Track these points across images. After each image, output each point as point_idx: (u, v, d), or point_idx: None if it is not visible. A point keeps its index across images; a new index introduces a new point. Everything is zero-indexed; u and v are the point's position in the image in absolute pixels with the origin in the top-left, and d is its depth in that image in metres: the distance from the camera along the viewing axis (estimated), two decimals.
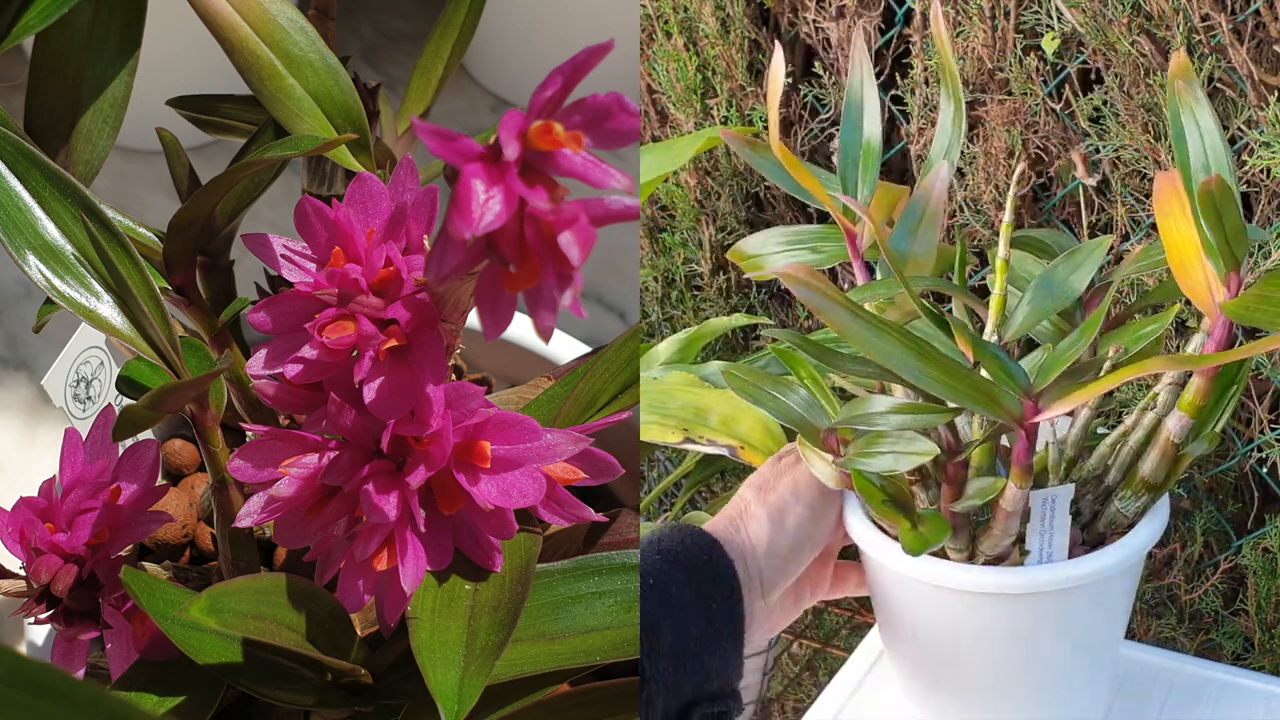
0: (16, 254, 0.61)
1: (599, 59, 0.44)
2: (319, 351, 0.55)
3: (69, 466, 0.64)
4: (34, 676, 0.29)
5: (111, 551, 0.63)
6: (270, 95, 0.68)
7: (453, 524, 0.57)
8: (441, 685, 0.53)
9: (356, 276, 0.55)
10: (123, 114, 0.70)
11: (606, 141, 0.45)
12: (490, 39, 1.38)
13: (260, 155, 0.63)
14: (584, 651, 0.58)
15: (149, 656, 0.62)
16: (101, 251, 0.62)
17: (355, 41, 1.49)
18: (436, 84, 0.78)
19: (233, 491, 0.65)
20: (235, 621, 0.55)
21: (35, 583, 0.62)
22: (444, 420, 0.54)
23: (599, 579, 0.60)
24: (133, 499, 0.63)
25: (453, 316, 0.54)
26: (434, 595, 0.56)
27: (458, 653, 0.54)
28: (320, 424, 0.56)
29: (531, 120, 0.45)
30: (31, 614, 0.62)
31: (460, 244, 0.46)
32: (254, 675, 0.59)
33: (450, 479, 0.55)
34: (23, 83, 0.70)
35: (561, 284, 0.46)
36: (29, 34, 0.66)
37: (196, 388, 0.60)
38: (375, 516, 0.54)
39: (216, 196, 0.66)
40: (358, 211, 0.57)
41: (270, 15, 0.68)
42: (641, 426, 0.82)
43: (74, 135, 0.70)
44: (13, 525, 0.62)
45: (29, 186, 0.62)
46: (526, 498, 0.55)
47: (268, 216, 1.26)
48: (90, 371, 0.82)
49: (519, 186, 0.44)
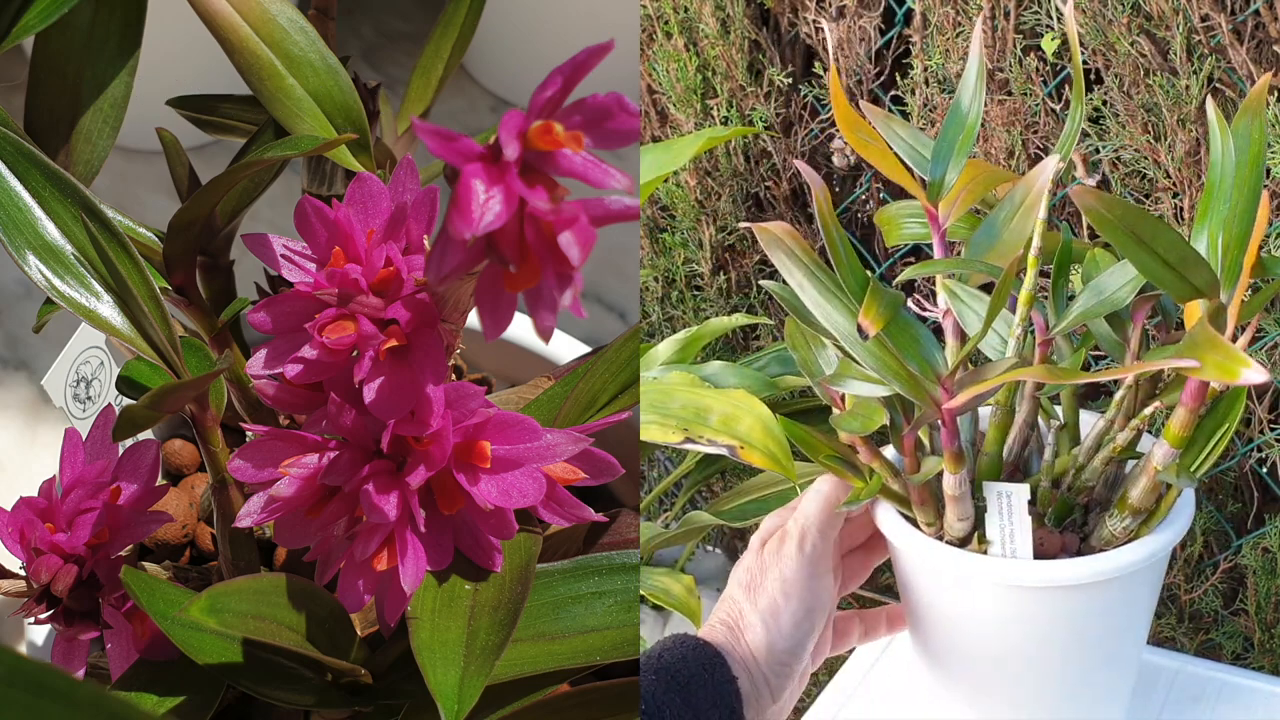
0: (16, 254, 0.61)
1: (599, 59, 0.44)
2: (319, 351, 0.55)
3: (69, 466, 0.64)
4: (34, 676, 0.29)
5: (111, 551, 0.63)
6: (270, 95, 0.68)
7: (453, 524, 0.57)
8: (441, 685, 0.53)
9: (356, 276, 0.55)
10: (123, 114, 0.70)
11: (606, 141, 0.45)
12: (490, 39, 1.38)
13: (260, 155, 0.63)
14: (584, 651, 0.58)
15: (149, 656, 0.62)
16: (101, 251, 0.62)
17: (355, 41, 1.49)
18: (436, 84, 0.78)
19: (233, 491, 0.65)
20: (235, 621, 0.55)
21: (35, 583, 0.62)
22: (444, 420, 0.54)
23: (599, 579, 0.60)
24: (133, 499, 0.63)
25: (453, 316, 0.54)
26: (434, 595, 0.56)
27: (458, 653, 0.54)
28: (320, 424, 0.56)
29: (531, 120, 0.45)
30: (31, 614, 0.62)
31: (460, 244, 0.46)
32: (254, 675, 0.59)
33: (450, 479, 0.55)
34: (23, 83, 0.70)
35: (561, 284, 0.46)
36: (29, 34, 0.66)
37: (196, 388, 0.60)
38: (375, 516, 0.54)
39: (216, 196, 0.66)
40: (358, 211, 0.57)
41: (270, 15, 0.68)
42: (641, 426, 0.81)
43: (74, 135, 0.70)
44: (13, 525, 0.62)
45: (29, 186, 0.62)
46: (526, 498, 0.55)
47: (268, 216, 1.26)
48: (90, 371, 0.82)
49: (519, 186, 0.44)
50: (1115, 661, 0.75)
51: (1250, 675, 0.88)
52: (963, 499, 0.69)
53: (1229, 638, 1.07)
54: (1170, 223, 0.99)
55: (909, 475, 0.70)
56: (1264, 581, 1.02)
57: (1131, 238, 0.61)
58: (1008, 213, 0.73)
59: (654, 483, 1.28)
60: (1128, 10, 0.93)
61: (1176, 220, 0.98)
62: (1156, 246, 0.61)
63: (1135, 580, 0.71)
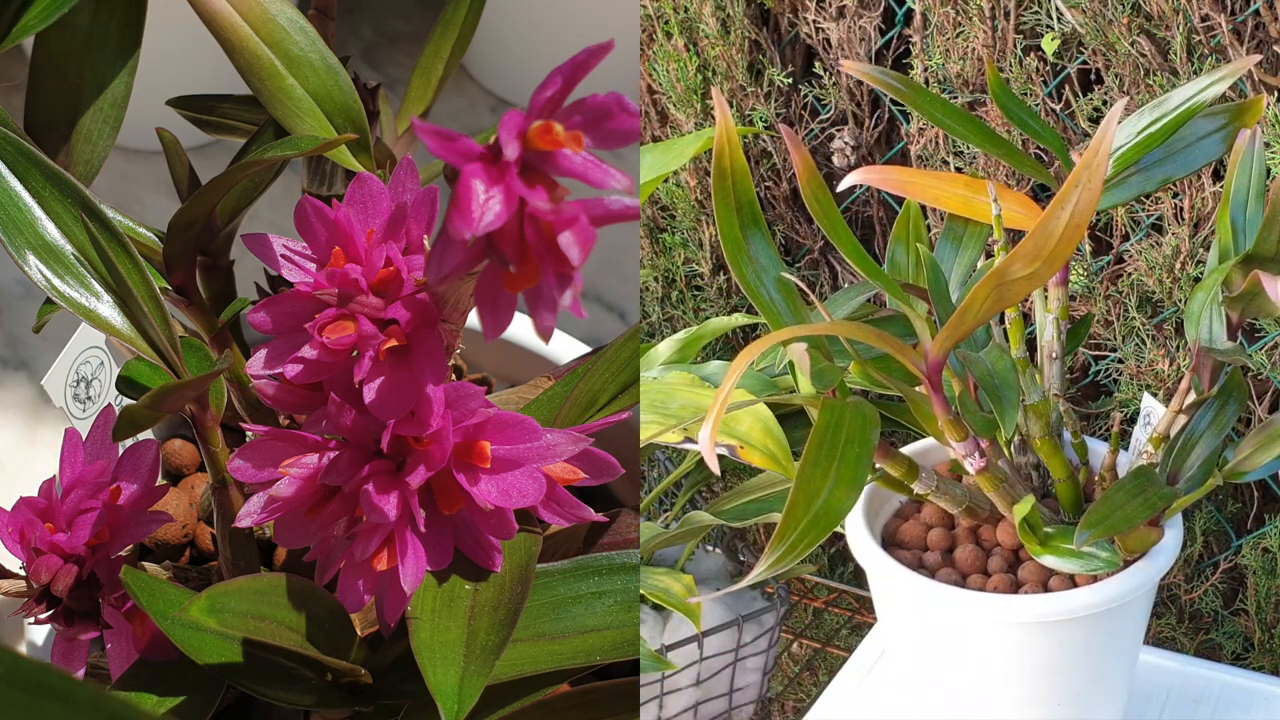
0: (16, 254, 0.61)
1: (599, 59, 0.44)
2: (319, 351, 0.55)
3: (69, 466, 0.64)
4: (34, 676, 0.29)
5: (111, 551, 0.62)
6: (270, 95, 0.68)
7: (453, 524, 0.57)
8: (441, 685, 0.53)
9: (356, 276, 0.55)
10: (123, 114, 0.70)
11: (606, 141, 0.45)
12: (490, 39, 1.38)
13: (260, 155, 0.63)
14: (584, 651, 0.58)
15: (149, 656, 0.62)
16: (101, 251, 0.62)
17: (355, 41, 1.48)
18: (436, 84, 0.78)
19: (233, 491, 0.65)
20: (235, 621, 0.55)
21: (35, 583, 0.62)
22: (444, 420, 0.54)
23: (599, 579, 0.59)
24: (133, 499, 0.63)
25: (453, 316, 0.54)
26: (434, 595, 0.56)
27: (458, 653, 0.54)
28: (320, 424, 0.56)
29: (531, 120, 0.45)
30: (31, 614, 0.62)
31: (460, 244, 0.46)
32: (254, 675, 0.59)
33: (450, 479, 0.55)
34: (23, 83, 0.70)
35: (561, 284, 0.46)
36: (29, 34, 0.66)
37: (196, 388, 0.60)
38: (375, 516, 0.54)
39: (216, 196, 0.66)
40: (358, 211, 0.57)
41: (270, 15, 0.68)
42: (641, 426, 0.81)
43: (74, 135, 0.70)
44: (13, 525, 0.62)
45: (29, 186, 0.62)
46: (526, 498, 0.55)
47: (268, 216, 1.26)
48: (90, 371, 0.82)
49: (519, 186, 0.44)
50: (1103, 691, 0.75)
51: (1250, 675, 0.88)
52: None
53: (1229, 638, 1.07)
54: (1170, 222, 0.99)
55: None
56: (1264, 581, 1.02)
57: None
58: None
59: (654, 483, 1.28)
60: (1128, 10, 0.93)
61: (1176, 220, 0.98)
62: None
63: (1123, 612, 0.72)
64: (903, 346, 0.64)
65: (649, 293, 1.27)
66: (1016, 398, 0.69)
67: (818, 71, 1.14)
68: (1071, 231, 0.60)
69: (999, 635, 0.72)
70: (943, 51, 1.04)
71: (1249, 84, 0.92)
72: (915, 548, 0.77)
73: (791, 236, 1.21)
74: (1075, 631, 0.71)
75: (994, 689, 0.74)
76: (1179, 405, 0.73)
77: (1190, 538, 1.05)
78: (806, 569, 1.14)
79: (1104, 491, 0.71)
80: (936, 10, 1.03)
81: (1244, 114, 0.76)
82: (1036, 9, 0.99)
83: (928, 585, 0.72)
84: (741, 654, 1.08)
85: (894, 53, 1.11)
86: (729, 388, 0.60)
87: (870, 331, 0.64)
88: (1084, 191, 0.59)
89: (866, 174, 0.79)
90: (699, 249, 1.22)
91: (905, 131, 1.10)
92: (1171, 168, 0.76)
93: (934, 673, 0.75)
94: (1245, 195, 0.72)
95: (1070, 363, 1.07)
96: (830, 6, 1.11)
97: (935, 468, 0.77)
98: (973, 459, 0.69)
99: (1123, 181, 0.76)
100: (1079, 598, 0.71)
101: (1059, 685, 0.73)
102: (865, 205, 1.18)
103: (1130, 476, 0.71)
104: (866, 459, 0.64)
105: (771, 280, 0.70)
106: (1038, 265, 0.61)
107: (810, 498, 0.63)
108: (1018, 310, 0.74)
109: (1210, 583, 1.05)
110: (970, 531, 0.77)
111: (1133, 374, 1.02)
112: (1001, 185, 0.77)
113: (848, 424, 0.65)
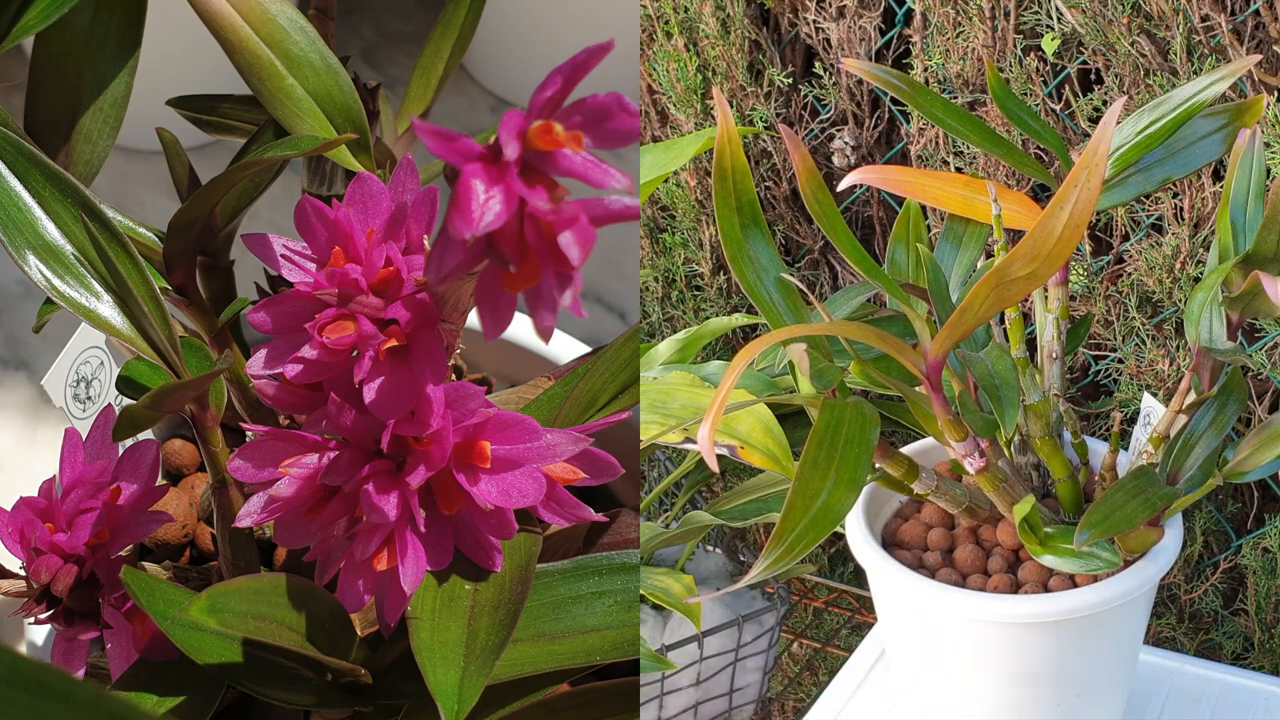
0: (16, 254, 0.61)
1: (599, 59, 0.44)
2: (319, 351, 0.55)
3: (69, 466, 0.64)
4: (34, 676, 0.29)
5: (111, 551, 0.62)
6: (270, 95, 0.68)
7: (453, 524, 0.57)
8: (441, 685, 0.53)
9: (356, 276, 0.55)
10: (123, 114, 0.70)
11: (606, 141, 0.45)
12: (490, 39, 1.38)
13: (260, 155, 0.63)
14: (584, 651, 0.58)
15: (149, 656, 0.62)
16: (101, 251, 0.62)
17: (355, 41, 1.48)
18: (436, 84, 0.78)
19: (233, 491, 0.65)
20: (235, 621, 0.55)
21: (35, 583, 0.62)
22: (444, 420, 0.54)
23: (599, 579, 0.59)
24: (133, 499, 0.63)
25: (453, 316, 0.54)
26: (434, 595, 0.56)
27: (458, 653, 0.54)
28: (320, 424, 0.56)
29: (531, 120, 0.45)
30: (31, 614, 0.62)
31: (460, 244, 0.46)
32: (254, 675, 0.59)
33: (450, 479, 0.55)
34: (23, 83, 0.70)
35: (561, 284, 0.46)
36: (29, 34, 0.66)
37: (196, 388, 0.60)
38: (375, 516, 0.54)
39: (216, 196, 0.66)
40: (358, 211, 0.57)
41: (270, 15, 0.68)
42: (641, 426, 0.81)
43: (74, 135, 0.70)
44: (13, 525, 0.62)
45: (29, 186, 0.62)
46: (526, 498, 0.55)
47: (268, 216, 1.26)
48: (90, 371, 0.82)
49: (519, 186, 0.44)
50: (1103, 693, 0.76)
51: (1250, 675, 0.88)
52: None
53: (1229, 638, 1.07)
54: (1170, 222, 0.99)
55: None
56: (1264, 581, 1.02)
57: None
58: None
59: (654, 483, 1.28)
60: (1128, 10, 0.93)
61: (1176, 220, 0.98)
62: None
63: (1123, 612, 0.72)
64: (903, 346, 0.64)
65: (649, 293, 1.27)
66: (1016, 398, 0.69)
67: (818, 71, 1.14)
68: (1071, 231, 0.60)
69: (999, 635, 0.72)
70: (943, 51, 1.04)
71: (1249, 84, 0.92)
72: (915, 548, 0.77)
73: (791, 236, 1.21)
74: (1075, 631, 0.71)
75: (994, 689, 0.74)
76: (1179, 405, 0.73)
77: (1190, 538, 1.05)
78: (806, 569, 1.14)
79: (1104, 491, 0.71)
80: (936, 10, 1.03)
81: (1244, 114, 0.76)
82: (1036, 9, 0.99)
83: (928, 585, 0.72)
84: (741, 654, 1.08)
85: (894, 53, 1.11)
86: (728, 387, 0.60)
87: (870, 331, 0.64)
88: (1083, 191, 0.59)
89: (866, 174, 0.79)
90: (699, 249, 1.22)
91: (905, 131, 1.10)
92: (1171, 168, 0.76)
93: (934, 673, 0.75)
94: (1245, 195, 0.72)
95: (1070, 363, 1.07)
96: (830, 6, 1.11)
97: (935, 468, 0.77)
98: (973, 459, 0.69)
99: (1123, 181, 0.76)
100: (1079, 598, 0.70)
101: (1059, 685, 0.73)
102: (865, 205, 1.18)
103: (1130, 476, 0.71)
104: (866, 459, 0.64)
105: (772, 280, 0.70)
106: (1037, 265, 0.61)
107: (809, 498, 0.63)
108: (1018, 310, 0.74)
109: (1210, 583, 1.05)
110: (970, 531, 0.77)
111: (1133, 374, 1.02)
112: (1001, 185, 0.77)
113: (847, 424, 0.65)
